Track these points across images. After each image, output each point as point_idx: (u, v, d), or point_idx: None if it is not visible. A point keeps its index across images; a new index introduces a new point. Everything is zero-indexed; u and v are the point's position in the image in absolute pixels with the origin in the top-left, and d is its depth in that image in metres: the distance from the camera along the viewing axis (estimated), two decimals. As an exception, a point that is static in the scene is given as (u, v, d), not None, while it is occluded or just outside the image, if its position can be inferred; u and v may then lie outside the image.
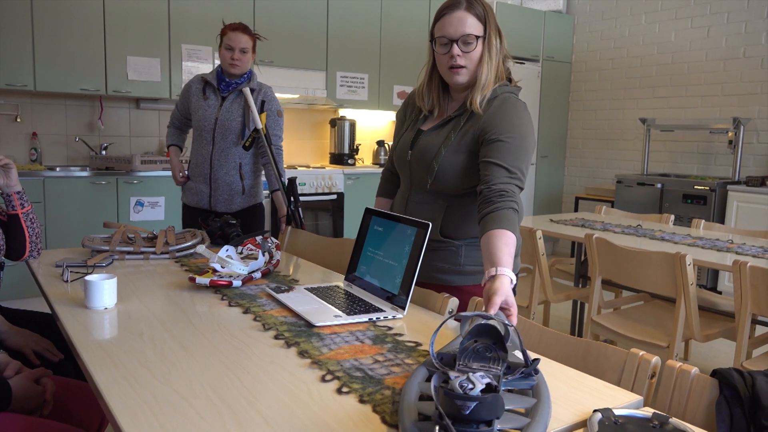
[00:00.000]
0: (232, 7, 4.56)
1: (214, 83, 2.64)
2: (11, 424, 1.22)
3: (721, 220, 4.67)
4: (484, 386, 0.80)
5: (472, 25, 1.56)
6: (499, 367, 0.96)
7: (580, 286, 3.23)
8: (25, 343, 1.63)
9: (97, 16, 4.11)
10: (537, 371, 0.98)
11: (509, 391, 0.94)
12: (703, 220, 3.31)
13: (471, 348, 1.04)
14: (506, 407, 0.85)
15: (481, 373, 0.82)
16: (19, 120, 4.22)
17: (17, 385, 1.31)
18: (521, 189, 1.54)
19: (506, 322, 1.12)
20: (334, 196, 4.97)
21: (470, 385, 0.79)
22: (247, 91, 2.49)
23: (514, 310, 1.25)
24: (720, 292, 4.43)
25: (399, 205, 1.79)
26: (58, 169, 4.05)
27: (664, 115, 5.53)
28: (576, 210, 5.85)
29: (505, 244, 1.37)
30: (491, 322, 1.05)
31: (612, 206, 5.16)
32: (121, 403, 0.92)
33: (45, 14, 3.95)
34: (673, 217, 3.50)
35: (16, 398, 1.29)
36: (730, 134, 4.93)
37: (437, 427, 0.77)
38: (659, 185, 5.02)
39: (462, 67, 1.59)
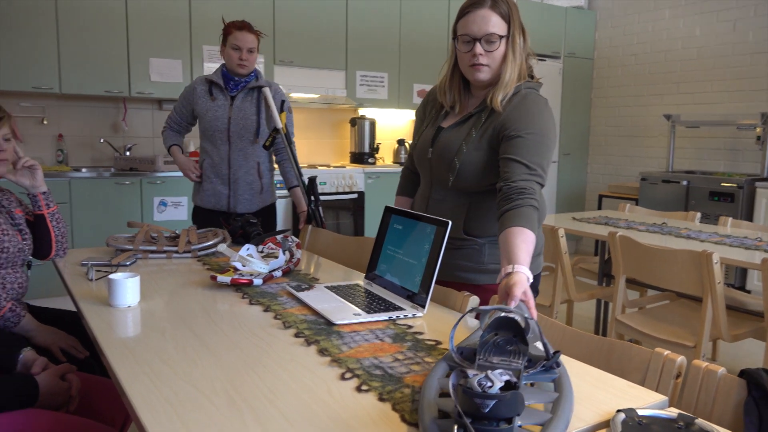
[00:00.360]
0: (252, 8, 4.59)
1: (220, 83, 2.63)
2: (39, 420, 1.24)
3: (750, 217, 4.57)
4: (503, 383, 0.79)
5: (496, 24, 1.54)
6: (520, 361, 0.94)
7: (604, 285, 3.19)
8: (53, 340, 1.66)
9: (119, 19, 4.17)
10: (559, 364, 0.96)
11: (531, 385, 0.93)
12: (731, 218, 3.25)
13: (491, 342, 1.03)
14: (527, 402, 0.83)
15: (500, 370, 0.81)
16: (45, 122, 4.30)
17: (44, 382, 1.33)
18: (542, 185, 1.51)
19: (526, 315, 1.11)
20: (355, 195, 4.97)
21: (489, 383, 0.78)
22: (267, 91, 2.50)
23: (532, 303, 1.25)
24: (749, 291, 4.33)
25: (420, 204, 1.78)
26: (83, 170, 4.11)
27: (689, 111, 5.43)
28: (599, 208, 5.78)
29: (523, 241, 1.36)
30: (511, 314, 1.04)
31: (636, 204, 5.08)
32: (143, 399, 0.93)
33: (69, 18, 4.02)
34: (699, 214, 3.44)
35: (43, 394, 1.32)
36: (758, 130, 4.82)
37: (456, 426, 0.76)
38: (685, 182, 4.93)
39: (485, 65, 1.58)
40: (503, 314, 1.06)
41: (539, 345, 1.07)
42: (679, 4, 5.47)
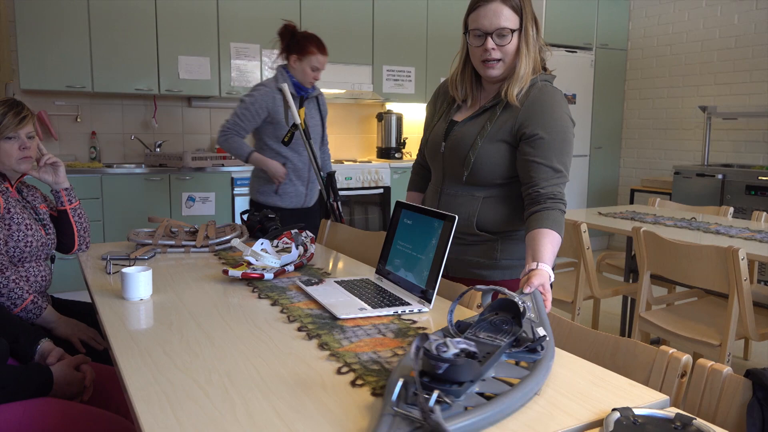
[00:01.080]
0: (278, 4, 4.63)
1: (294, 92, 2.72)
2: (52, 408, 1.29)
3: (789, 212, 4.40)
4: (458, 350, 0.86)
5: (507, 17, 1.52)
6: (505, 340, 1.01)
7: (630, 281, 3.12)
8: (72, 332, 1.71)
9: (149, 18, 4.26)
10: (543, 347, 1.02)
11: (518, 363, 1.01)
12: (765, 213, 3.13)
13: (489, 320, 1.11)
14: (497, 376, 0.94)
15: (460, 339, 0.88)
16: (79, 120, 4.43)
17: (58, 372, 1.37)
18: (566, 183, 1.55)
19: (529, 303, 1.18)
20: (381, 190, 4.98)
21: (445, 348, 0.85)
22: (285, 87, 2.52)
23: (549, 296, 1.28)
24: (786, 289, 4.18)
25: (431, 199, 1.77)
26: (115, 166, 4.22)
27: (726, 103, 5.25)
28: (631, 203, 5.65)
29: (550, 242, 1.41)
30: (510, 297, 1.10)
31: (670, 199, 4.95)
32: (140, 389, 0.95)
33: (101, 19, 4.12)
34: (732, 209, 3.33)
35: (58, 384, 1.36)
36: (799, 121, 4.64)
37: (419, 383, 0.83)
38: (720, 176, 4.77)
39: (497, 60, 1.55)
40: (504, 296, 1.13)
41: (541, 330, 1.08)
42: (715, -8, 5.30)
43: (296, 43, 2.68)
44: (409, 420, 0.80)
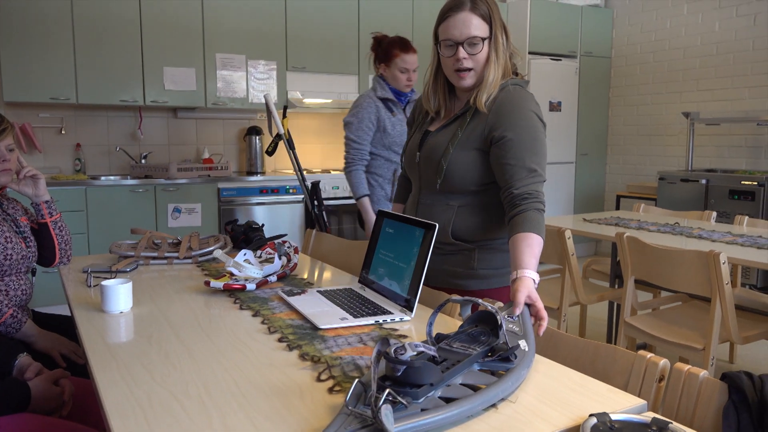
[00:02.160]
0: (264, 15, 4.63)
1: (394, 99, 2.70)
2: (29, 424, 1.27)
3: (772, 216, 4.45)
4: (415, 353, 0.88)
5: (477, 26, 1.53)
6: (478, 349, 1.03)
7: (616, 287, 3.14)
8: (53, 345, 1.69)
9: (134, 28, 4.25)
10: (516, 356, 1.03)
11: (492, 373, 1.02)
12: (747, 217, 3.17)
13: (468, 332, 1.12)
14: (466, 383, 0.96)
15: (419, 343, 0.89)
16: (63, 132, 4.40)
17: (36, 387, 1.36)
18: (543, 182, 1.52)
19: (507, 315, 1.21)
20: (368, 199, 4.97)
21: (402, 351, 0.87)
22: (269, 96, 2.52)
23: (540, 305, 1.27)
24: (771, 292, 4.21)
25: (410, 209, 1.77)
26: (101, 178, 4.20)
27: (709, 109, 5.31)
28: (617, 209, 5.69)
29: (528, 246, 1.40)
30: (488, 309, 1.11)
31: (655, 204, 4.99)
32: (115, 403, 0.94)
33: (85, 30, 4.11)
34: (715, 214, 3.36)
35: (35, 399, 1.34)
36: (780, 126, 4.70)
37: (374, 385, 0.85)
38: (704, 181, 4.82)
39: (468, 69, 1.56)
40: (484, 308, 1.13)
41: (522, 342, 1.08)
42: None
43: (382, 51, 2.68)
44: (361, 419, 0.82)
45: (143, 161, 4.61)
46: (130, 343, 1.23)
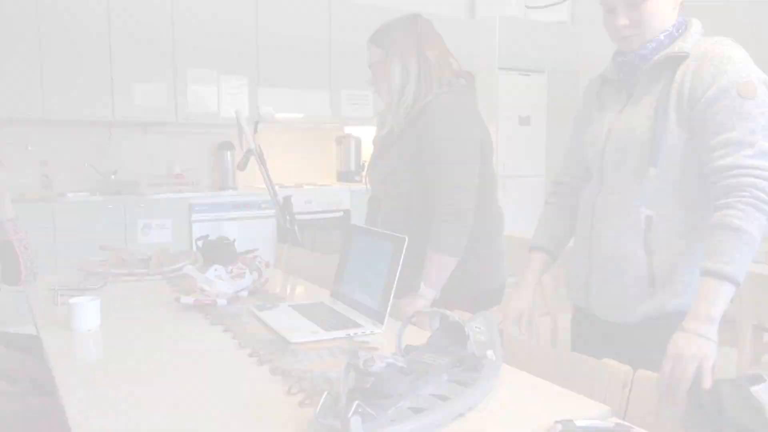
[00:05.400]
0: (235, 30, 4.63)
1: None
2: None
3: None
4: (384, 365, 0.91)
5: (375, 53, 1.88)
6: (446, 360, 1.06)
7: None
8: (19, 366, 1.66)
9: (103, 43, 4.20)
10: (483, 366, 1.06)
11: (460, 382, 1.03)
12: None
13: (437, 343, 1.16)
14: (435, 393, 0.97)
15: (387, 355, 0.93)
16: (30, 148, 4.32)
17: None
18: (467, 191, 1.61)
19: (482, 327, 1.20)
20: (341, 214, 4.98)
21: (371, 363, 0.90)
22: (239, 112, 2.52)
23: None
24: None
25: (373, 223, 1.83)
26: (69, 194, 4.12)
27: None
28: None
29: (428, 263, 1.59)
30: (456, 320, 1.15)
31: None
32: (82, 423, 0.93)
33: (52, 44, 4.05)
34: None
35: (-1, 421, 1.31)
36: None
37: (344, 397, 0.87)
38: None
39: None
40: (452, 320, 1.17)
41: (490, 353, 1.11)
42: (658, 17, 5.53)
43: None
44: (331, 431, 0.85)
45: (113, 177, 4.54)
46: (98, 361, 1.22)
